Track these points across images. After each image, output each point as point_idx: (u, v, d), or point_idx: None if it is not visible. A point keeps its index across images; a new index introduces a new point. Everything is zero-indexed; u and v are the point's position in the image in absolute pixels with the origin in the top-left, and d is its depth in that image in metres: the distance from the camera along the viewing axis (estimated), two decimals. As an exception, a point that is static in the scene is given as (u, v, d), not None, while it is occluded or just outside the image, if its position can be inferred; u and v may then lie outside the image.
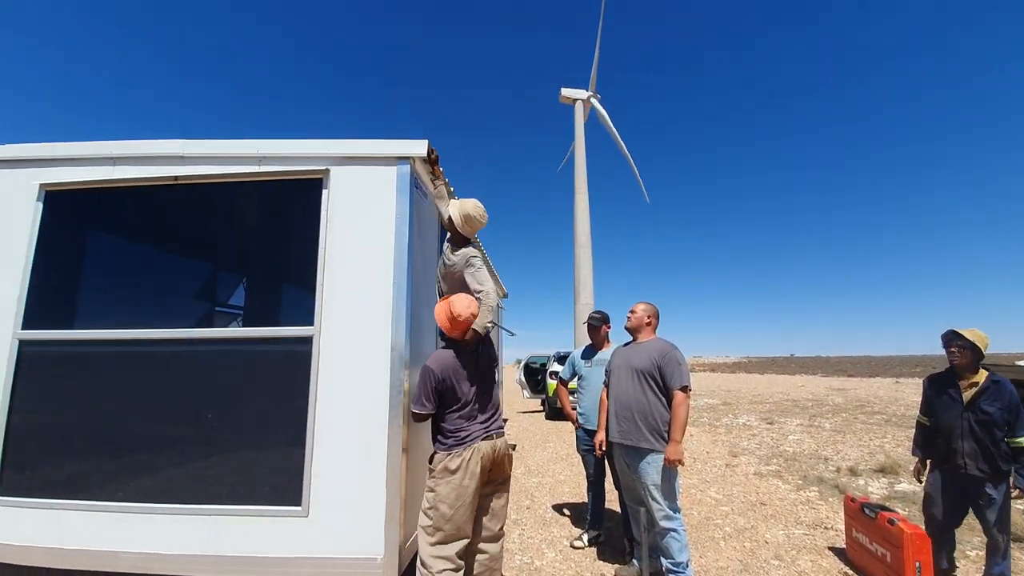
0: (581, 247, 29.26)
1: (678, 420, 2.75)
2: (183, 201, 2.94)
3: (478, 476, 2.41)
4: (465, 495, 2.37)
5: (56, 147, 2.94)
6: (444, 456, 2.43)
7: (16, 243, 2.87)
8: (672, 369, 2.82)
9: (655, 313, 3.14)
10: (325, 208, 2.70)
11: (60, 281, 3.00)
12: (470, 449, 2.43)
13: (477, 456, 2.43)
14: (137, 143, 2.83)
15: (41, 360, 2.81)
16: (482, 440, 2.49)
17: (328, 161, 2.71)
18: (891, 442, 8.38)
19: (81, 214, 3.08)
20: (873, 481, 5.79)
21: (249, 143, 2.74)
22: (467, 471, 2.39)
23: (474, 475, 2.40)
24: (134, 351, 2.77)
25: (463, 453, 2.41)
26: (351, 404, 2.52)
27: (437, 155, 2.91)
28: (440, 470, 2.40)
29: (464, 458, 2.40)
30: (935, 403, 3.10)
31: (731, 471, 6.35)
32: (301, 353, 2.60)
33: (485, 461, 2.46)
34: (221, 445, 2.67)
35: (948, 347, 2.98)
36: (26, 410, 2.75)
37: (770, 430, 9.90)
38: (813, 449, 7.85)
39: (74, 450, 2.75)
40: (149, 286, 3.11)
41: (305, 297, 2.69)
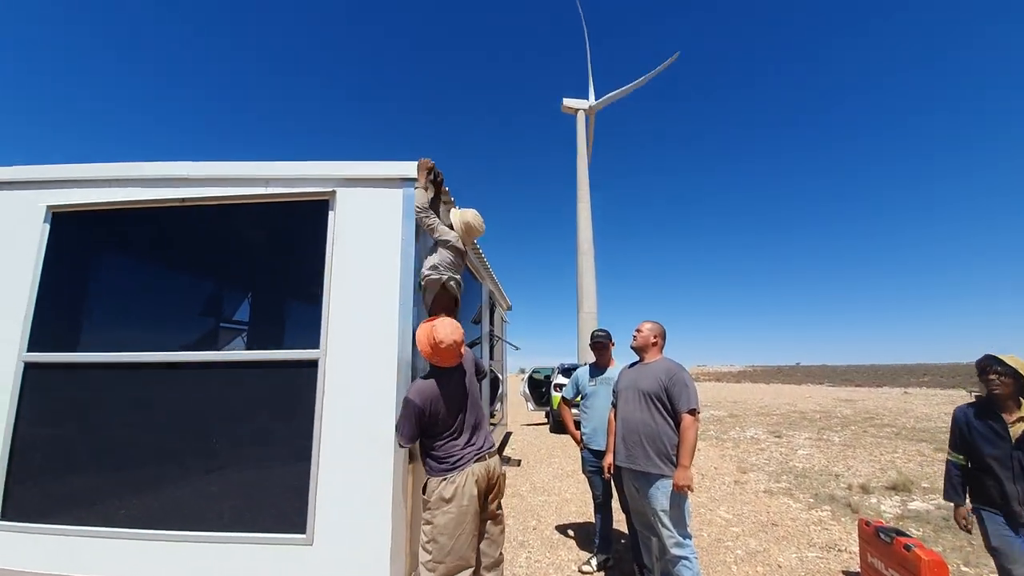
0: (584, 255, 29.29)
1: (686, 444, 2.68)
2: (190, 223, 2.94)
3: (476, 500, 2.35)
4: (464, 522, 2.29)
5: (64, 169, 2.95)
6: (438, 483, 2.34)
7: (23, 265, 2.87)
8: (680, 391, 2.76)
9: (662, 333, 3.09)
10: (331, 230, 2.69)
11: (66, 303, 2.99)
12: (463, 473, 2.35)
13: (472, 480, 2.35)
14: (145, 165, 2.84)
15: (46, 383, 2.79)
16: (475, 462, 2.41)
17: (334, 183, 2.71)
18: (902, 457, 8.24)
19: (87, 235, 3.08)
20: (886, 499, 5.68)
21: (256, 165, 2.74)
22: (463, 496, 2.31)
23: (472, 499, 2.32)
24: (139, 375, 2.75)
25: (456, 479, 2.33)
26: (357, 429, 2.49)
27: (442, 176, 2.91)
28: (435, 500, 2.31)
29: (458, 484, 2.32)
30: (974, 439, 2.71)
31: (740, 488, 6.23)
32: (307, 376, 2.57)
33: (480, 484, 2.39)
34: (226, 471, 2.63)
35: (986, 374, 2.63)
36: (31, 433, 2.73)
37: (779, 444, 9.75)
38: (823, 465, 7.71)
39: (78, 474, 2.72)
40: (155, 308, 3.10)
41: (311, 318, 2.67)
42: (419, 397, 2.34)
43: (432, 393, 2.37)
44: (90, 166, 2.92)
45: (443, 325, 2.41)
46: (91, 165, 2.91)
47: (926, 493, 5.87)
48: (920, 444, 9.53)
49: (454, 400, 2.44)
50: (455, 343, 2.39)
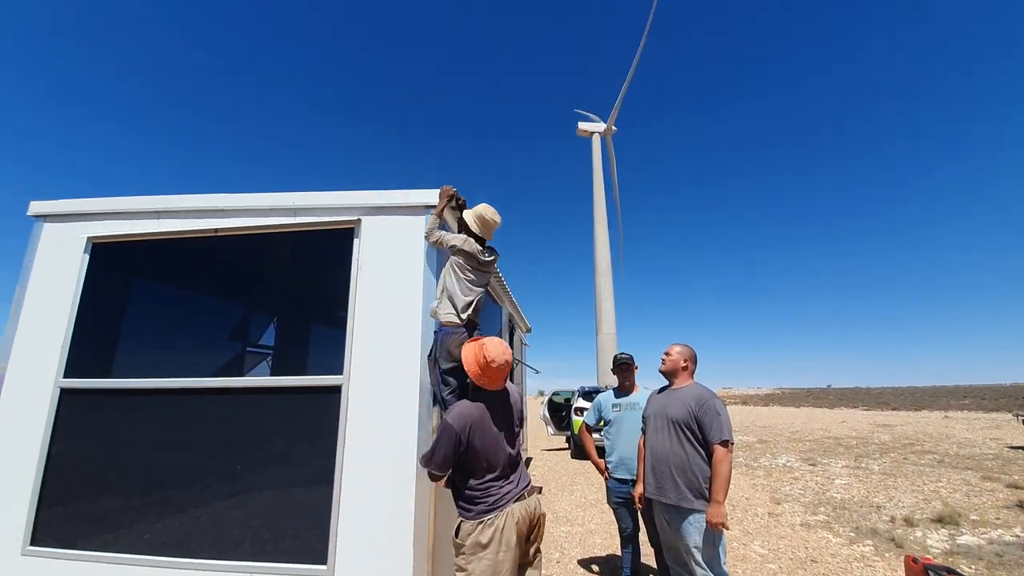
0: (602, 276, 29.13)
1: (719, 478, 2.53)
2: (221, 251, 3.03)
3: (515, 546, 2.07)
4: (502, 571, 2.02)
5: (105, 202, 3.10)
6: (473, 527, 2.06)
7: (63, 293, 2.99)
8: (711, 420, 2.63)
9: (692, 356, 2.97)
10: (356, 257, 2.74)
11: (102, 330, 3.09)
12: (502, 515, 2.08)
13: (511, 522, 2.08)
14: (181, 198, 2.96)
15: (80, 409, 2.87)
16: (515, 502, 2.14)
17: (360, 212, 2.77)
18: (947, 487, 7.75)
19: (124, 264, 3.21)
20: (932, 532, 5.31)
21: (285, 196, 2.83)
22: (501, 542, 2.04)
23: (510, 546, 2.05)
24: (166, 400, 2.81)
25: (495, 521, 2.06)
26: (380, 457, 2.47)
27: (464, 201, 2.94)
28: (470, 545, 2.04)
29: (497, 527, 2.05)
30: None
31: (775, 521, 5.92)
32: (331, 402, 2.58)
33: (521, 526, 2.12)
34: (249, 496, 2.63)
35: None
36: (63, 459, 2.79)
37: (813, 472, 9.30)
38: (863, 495, 7.30)
39: (105, 499, 2.76)
40: (187, 335, 3.18)
41: (335, 344, 2.69)
42: (458, 421, 2.10)
43: (473, 418, 2.14)
44: (130, 199, 3.05)
45: (493, 343, 2.22)
46: (131, 198, 3.05)
47: (976, 526, 5.47)
48: (965, 472, 8.95)
49: (496, 430, 2.20)
50: (506, 363, 2.20)
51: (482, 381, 2.20)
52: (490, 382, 2.20)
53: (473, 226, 2.74)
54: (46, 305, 2.99)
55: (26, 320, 2.98)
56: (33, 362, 2.89)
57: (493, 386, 2.22)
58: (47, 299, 3.00)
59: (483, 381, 2.20)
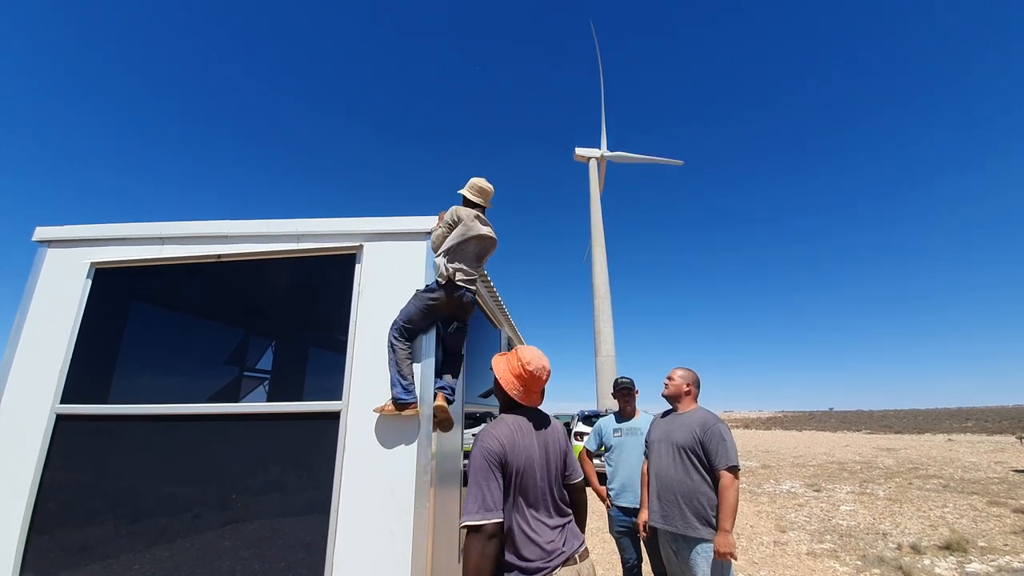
0: (600, 299, 29.16)
1: (726, 506, 2.49)
2: (222, 277, 3.05)
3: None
4: None
5: (108, 228, 3.14)
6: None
7: (64, 319, 2.99)
8: (716, 446, 2.60)
9: (695, 380, 2.97)
10: (358, 282, 2.77)
11: (100, 356, 3.08)
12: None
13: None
14: (185, 224, 3.00)
15: (75, 435, 2.83)
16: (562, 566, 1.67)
17: (362, 238, 2.81)
18: (953, 512, 7.62)
19: (125, 290, 3.22)
20: (940, 560, 5.20)
21: (288, 223, 2.87)
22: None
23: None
24: (162, 427, 2.78)
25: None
26: (377, 485, 2.43)
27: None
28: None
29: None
30: None
31: (780, 550, 5.80)
32: (329, 429, 2.56)
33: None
34: (241, 526, 2.58)
35: None
36: (56, 487, 2.74)
37: (818, 499, 9.14)
38: (869, 522, 7.16)
39: (96, 527, 2.69)
40: (184, 360, 3.17)
41: (334, 370, 2.69)
42: (498, 441, 1.68)
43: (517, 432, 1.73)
44: (134, 225, 3.09)
45: (524, 348, 1.95)
46: (134, 224, 3.09)
47: (984, 553, 5.36)
48: (971, 497, 8.82)
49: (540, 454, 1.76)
50: (544, 368, 1.89)
51: (521, 390, 1.86)
52: (529, 390, 1.87)
53: (473, 196, 2.91)
54: (46, 330, 2.99)
55: (25, 345, 2.97)
56: (30, 387, 2.87)
57: (532, 399, 1.89)
58: (47, 324, 3.00)
59: (522, 390, 1.86)
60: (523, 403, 1.88)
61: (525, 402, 1.88)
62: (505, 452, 1.66)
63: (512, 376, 1.87)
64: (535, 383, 1.86)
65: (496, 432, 1.71)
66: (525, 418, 1.84)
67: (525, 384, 1.85)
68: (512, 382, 1.86)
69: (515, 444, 1.70)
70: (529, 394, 1.87)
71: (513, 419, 1.81)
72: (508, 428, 1.75)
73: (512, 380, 1.87)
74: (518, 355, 1.90)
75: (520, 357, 1.88)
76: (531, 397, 1.88)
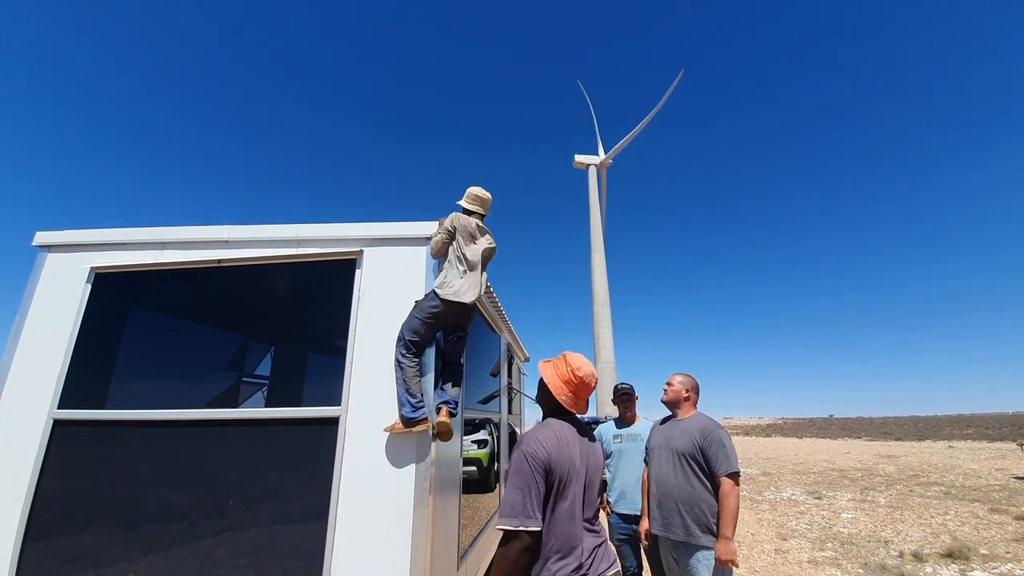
0: (599, 304, 29.15)
1: (727, 513, 2.47)
2: (222, 282, 3.05)
3: None
4: None
5: (109, 233, 3.14)
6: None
7: (63, 323, 2.98)
8: (716, 452, 2.59)
9: (694, 386, 2.96)
10: (357, 287, 2.77)
11: (99, 361, 3.07)
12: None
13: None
14: (185, 229, 3.00)
15: (72, 441, 2.81)
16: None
17: (362, 243, 2.82)
18: (954, 519, 7.58)
19: (124, 294, 3.22)
20: (942, 568, 5.17)
21: (289, 228, 2.88)
22: None
23: None
24: (160, 432, 2.76)
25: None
26: (376, 491, 2.42)
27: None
28: None
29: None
30: None
31: (782, 558, 5.76)
32: (328, 434, 2.54)
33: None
34: (237, 534, 2.55)
35: None
36: (52, 493, 2.72)
37: (819, 506, 9.09)
38: (870, 530, 7.12)
39: (91, 534, 2.67)
40: (185, 365, 3.16)
41: (334, 375, 2.68)
42: (543, 447, 1.61)
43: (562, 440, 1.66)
44: (134, 230, 3.09)
45: (573, 354, 1.89)
46: (135, 229, 3.09)
47: (986, 561, 5.33)
48: (973, 504, 8.78)
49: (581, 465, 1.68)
50: (592, 375, 1.84)
51: (571, 396, 1.81)
52: (577, 400, 1.82)
53: (471, 205, 2.95)
54: (45, 335, 2.98)
55: (23, 350, 2.96)
56: (28, 392, 2.86)
57: (580, 407, 1.84)
58: (47, 328, 2.99)
59: (572, 397, 1.81)
60: (571, 409, 1.82)
61: (573, 409, 1.82)
62: (550, 459, 1.59)
63: (561, 382, 1.82)
64: (584, 390, 1.81)
65: (542, 437, 1.65)
66: (569, 426, 1.78)
67: (575, 390, 1.80)
68: (561, 388, 1.81)
69: (560, 452, 1.63)
70: (578, 401, 1.82)
71: (559, 425, 1.75)
72: (554, 435, 1.68)
73: (561, 386, 1.81)
74: (567, 361, 1.86)
75: (570, 363, 1.84)
76: (579, 404, 1.83)
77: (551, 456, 1.60)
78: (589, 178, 31.66)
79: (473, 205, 2.95)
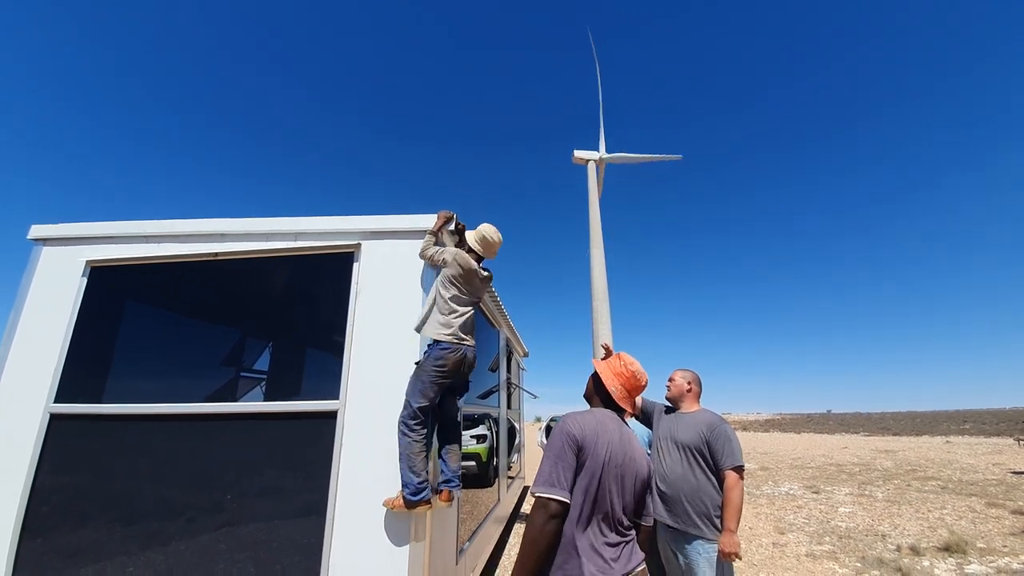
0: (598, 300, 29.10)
1: (731, 506, 2.47)
2: (219, 276, 3.03)
3: None
4: None
5: (104, 226, 3.11)
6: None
7: (59, 317, 2.96)
8: (722, 445, 2.58)
9: (696, 380, 2.94)
10: (355, 281, 2.75)
11: (95, 355, 3.05)
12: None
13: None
14: (181, 222, 2.98)
15: (69, 434, 2.80)
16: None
17: (360, 236, 2.79)
18: (951, 514, 7.61)
19: (120, 288, 3.19)
20: (939, 562, 5.18)
21: (286, 221, 2.85)
22: None
23: None
24: (157, 426, 2.75)
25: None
26: (374, 486, 2.41)
27: (464, 226, 2.97)
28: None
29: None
30: None
31: (780, 552, 5.78)
32: (326, 428, 2.53)
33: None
34: (236, 529, 2.55)
35: None
36: (49, 487, 2.71)
37: (817, 500, 9.12)
38: (868, 524, 7.15)
39: (89, 528, 2.66)
40: (182, 359, 3.15)
41: (332, 369, 2.67)
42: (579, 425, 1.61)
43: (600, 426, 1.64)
44: (129, 223, 3.07)
45: (628, 355, 1.91)
46: (130, 222, 3.07)
47: (983, 554, 5.34)
48: (970, 499, 8.81)
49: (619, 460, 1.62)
50: (644, 374, 1.87)
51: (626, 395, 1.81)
52: (628, 393, 1.82)
53: (475, 246, 2.77)
54: (41, 328, 2.96)
55: (19, 344, 2.94)
56: (24, 386, 2.84)
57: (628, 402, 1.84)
58: (42, 322, 2.97)
59: (627, 395, 1.82)
60: (620, 403, 1.80)
61: (622, 402, 1.81)
62: (585, 438, 1.58)
63: (612, 373, 1.84)
64: (634, 384, 1.82)
65: (580, 418, 1.65)
66: (615, 417, 1.76)
67: (625, 383, 1.81)
68: (612, 379, 1.82)
69: (596, 435, 1.60)
70: (628, 395, 1.82)
71: (602, 413, 1.74)
72: (593, 419, 1.67)
73: (612, 377, 1.83)
74: (621, 358, 1.90)
75: (623, 360, 1.88)
76: (628, 399, 1.83)
77: (585, 435, 1.58)
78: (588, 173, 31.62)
79: (478, 247, 2.76)
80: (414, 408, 2.37)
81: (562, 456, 1.54)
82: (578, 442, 1.57)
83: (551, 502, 1.47)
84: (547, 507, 1.47)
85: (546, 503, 1.47)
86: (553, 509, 1.47)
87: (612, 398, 1.79)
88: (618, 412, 1.82)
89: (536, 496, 1.50)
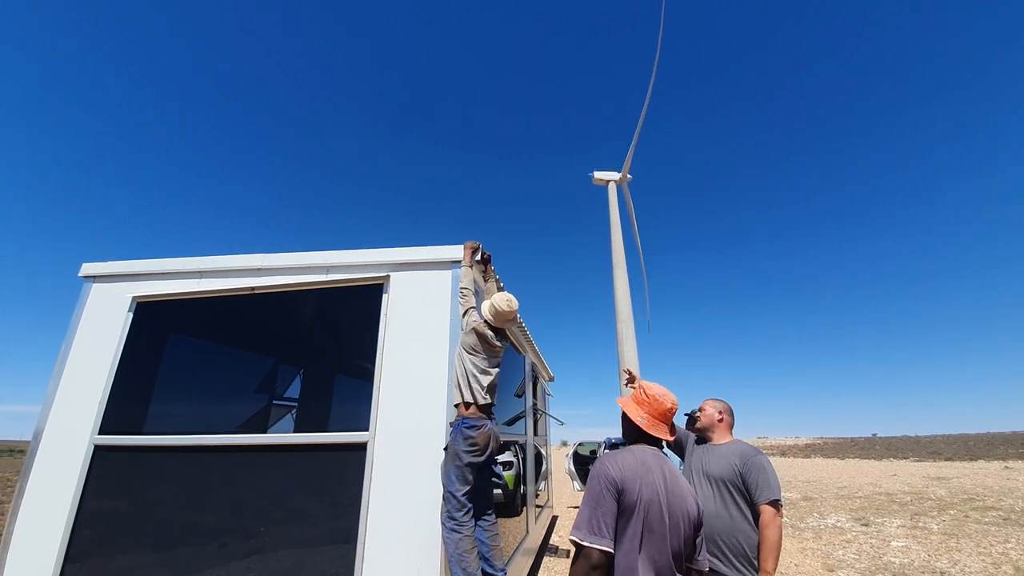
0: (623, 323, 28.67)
1: (768, 544, 2.29)
2: (255, 309, 3.15)
3: None
4: None
5: (152, 263, 3.29)
6: None
7: (105, 351, 3.11)
8: (757, 478, 2.42)
9: (728, 410, 2.82)
10: (384, 312, 2.81)
11: (137, 388, 3.18)
12: None
13: None
14: (222, 258, 3.12)
15: (111, 465, 2.90)
16: None
17: (389, 268, 2.87)
18: (1016, 548, 7.00)
19: (162, 322, 3.34)
20: (1009, 604, 4.76)
21: (319, 255, 2.96)
22: None
23: None
24: (192, 457, 2.82)
25: None
26: (404, 519, 2.40)
27: (489, 255, 3.03)
28: None
29: None
30: None
31: (828, 590, 5.41)
32: (356, 460, 2.55)
33: None
34: (265, 557, 2.56)
35: None
36: (91, 516, 2.79)
37: (867, 534, 8.55)
38: (924, 560, 6.64)
39: (125, 556, 2.72)
40: (217, 389, 3.25)
41: (360, 398, 2.71)
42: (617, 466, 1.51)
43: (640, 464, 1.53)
44: (174, 260, 3.23)
45: (654, 385, 1.86)
46: (175, 260, 3.23)
47: (1059, 596, 4.89)
48: (1038, 532, 8.12)
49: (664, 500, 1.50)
50: (668, 396, 1.78)
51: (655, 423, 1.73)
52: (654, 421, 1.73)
53: (488, 318, 2.67)
54: (88, 363, 3.11)
55: (68, 377, 3.09)
56: (71, 419, 2.97)
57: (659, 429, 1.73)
58: (90, 357, 3.13)
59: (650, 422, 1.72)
60: (650, 431, 1.70)
61: (652, 430, 1.70)
62: (625, 479, 1.47)
63: (635, 403, 1.79)
64: (657, 409, 1.74)
65: (618, 458, 1.56)
66: (657, 454, 1.66)
67: (649, 410, 1.74)
68: (636, 409, 1.77)
69: (637, 476, 1.50)
70: (654, 422, 1.73)
71: (641, 450, 1.64)
72: (633, 458, 1.57)
73: (636, 407, 1.77)
74: (643, 385, 1.85)
75: (644, 387, 1.83)
76: (657, 426, 1.73)
77: (625, 475, 1.48)
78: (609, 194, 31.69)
79: (490, 317, 2.65)
80: (459, 498, 2.20)
81: (601, 501, 1.44)
82: (617, 485, 1.46)
83: (593, 551, 1.37)
84: (589, 557, 1.37)
85: (588, 553, 1.38)
86: (595, 559, 1.37)
87: (643, 431, 1.69)
88: (657, 445, 1.73)
89: (576, 543, 1.41)
